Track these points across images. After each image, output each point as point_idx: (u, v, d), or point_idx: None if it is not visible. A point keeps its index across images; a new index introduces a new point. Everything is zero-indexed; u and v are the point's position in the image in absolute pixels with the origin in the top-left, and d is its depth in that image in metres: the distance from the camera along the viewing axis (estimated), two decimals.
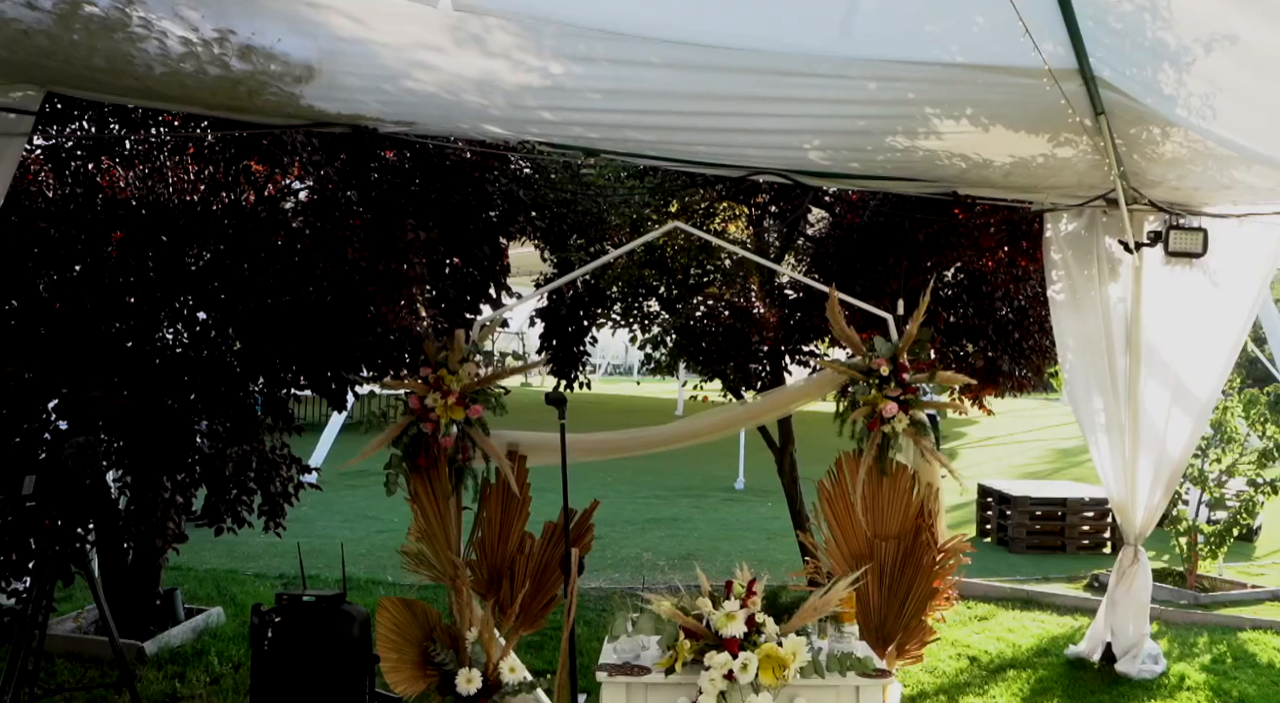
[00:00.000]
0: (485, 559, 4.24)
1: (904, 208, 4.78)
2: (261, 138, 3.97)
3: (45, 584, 3.10)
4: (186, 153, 4.61)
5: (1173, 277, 4.82)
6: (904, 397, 3.87)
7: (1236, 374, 7.58)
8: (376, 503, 9.63)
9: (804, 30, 3.16)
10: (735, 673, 2.52)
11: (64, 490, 3.08)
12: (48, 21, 2.81)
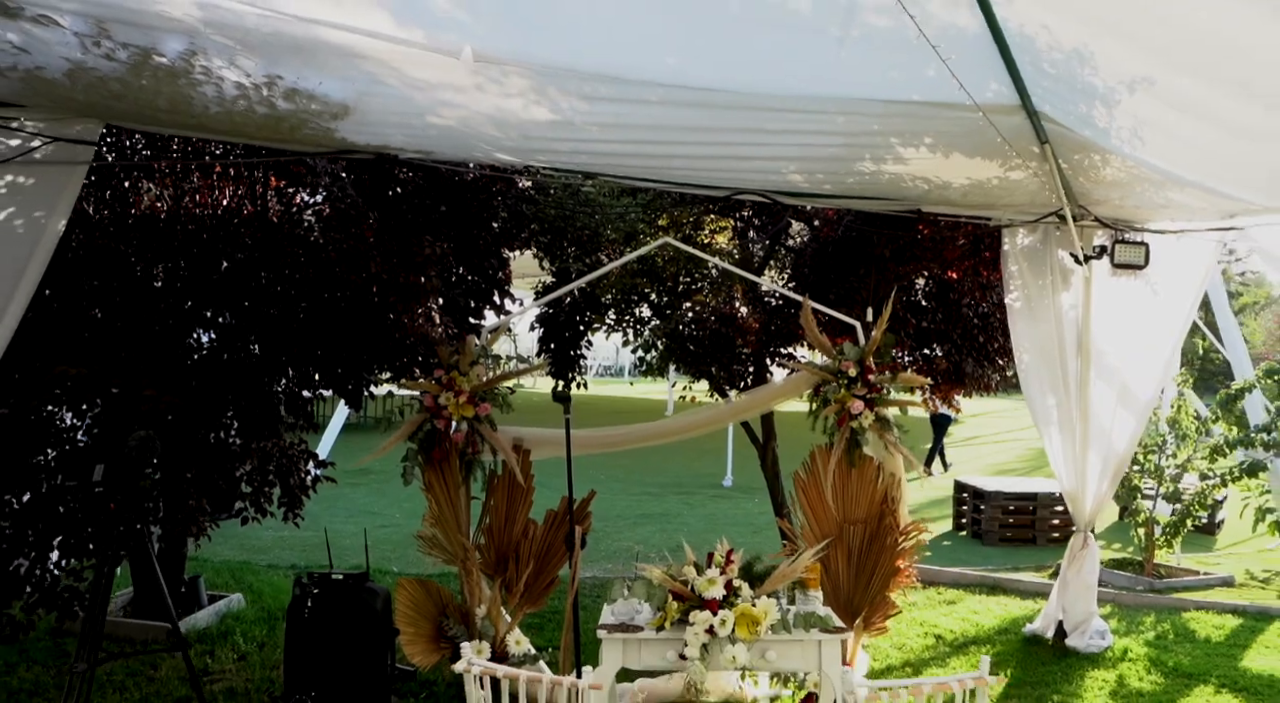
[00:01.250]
0: (492, 543, 4.70)
1: (873, 224, 5.27)
2: (290, 162, 4.42)
3: (109, 563, 3.54)
4: (214, 172, 5.06)
5: (1118, 286, 5.32)
6: (870, 396, 4.36)
7: (1190, 373, 8.14)
8: (378, 500, 10.08)
9: (781, 74, 3.64)
10: (715, 629, 2.99)
11: (127, 479, 3.52)
12: (121, 70, 3.26)
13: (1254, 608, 6.19)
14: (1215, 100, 3.67)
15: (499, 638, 4.53)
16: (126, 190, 4.95)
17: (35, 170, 3.72)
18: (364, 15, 3.00)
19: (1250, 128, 3.82)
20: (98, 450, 3.62)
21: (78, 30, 3.06)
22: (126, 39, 3.10)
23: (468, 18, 3.09)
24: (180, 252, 4.78)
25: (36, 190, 3.72)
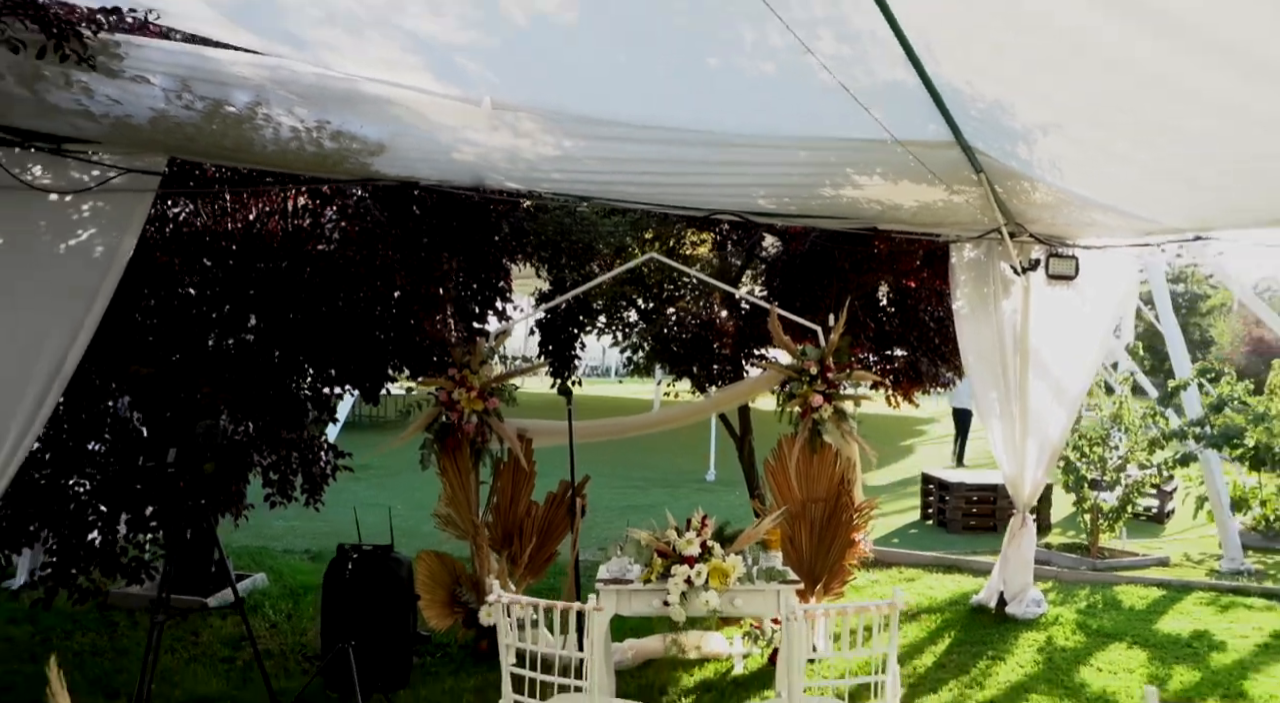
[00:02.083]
0: (499, 521, 5.39)
1: (835, 240, 6.00)
2: (323, 186, 5.09)
3: (179, 533, 4.20)
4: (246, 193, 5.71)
5: (1052, 294, 6.06)
6: (828, 391, 5.08)
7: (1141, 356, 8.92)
8: (380, 493, 10.70)
9: (750, 117, 4.35)
10: (692, 580, 3.67)
11: (194, 462, 4.17)
12: (196, 117, 3.93)
13: (1177, 582, 6.96)
14: (1112, 142, 4.41)
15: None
16: (168, 209, 5.60)
17: (110, 197, 4.37)
18: (408, 74, 3.69)
19: (1146, 164, 4.57)
20: (169, 437, 4.26)
21: (164, 87, 3.73)
22: (204, 93, 3.77)
23: (493, 75, 3.78)
24: (218, 263, 5.44)
25: (111, 215, 4.36)
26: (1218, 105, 3.56)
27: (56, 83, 3.65)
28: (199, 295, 5.47)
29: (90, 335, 4.32)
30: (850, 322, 5.89)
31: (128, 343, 4.79)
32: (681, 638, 5.20)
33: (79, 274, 4.29)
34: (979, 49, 3.61)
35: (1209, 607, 6.37)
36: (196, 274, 5.41)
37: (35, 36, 3.23)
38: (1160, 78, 3.44)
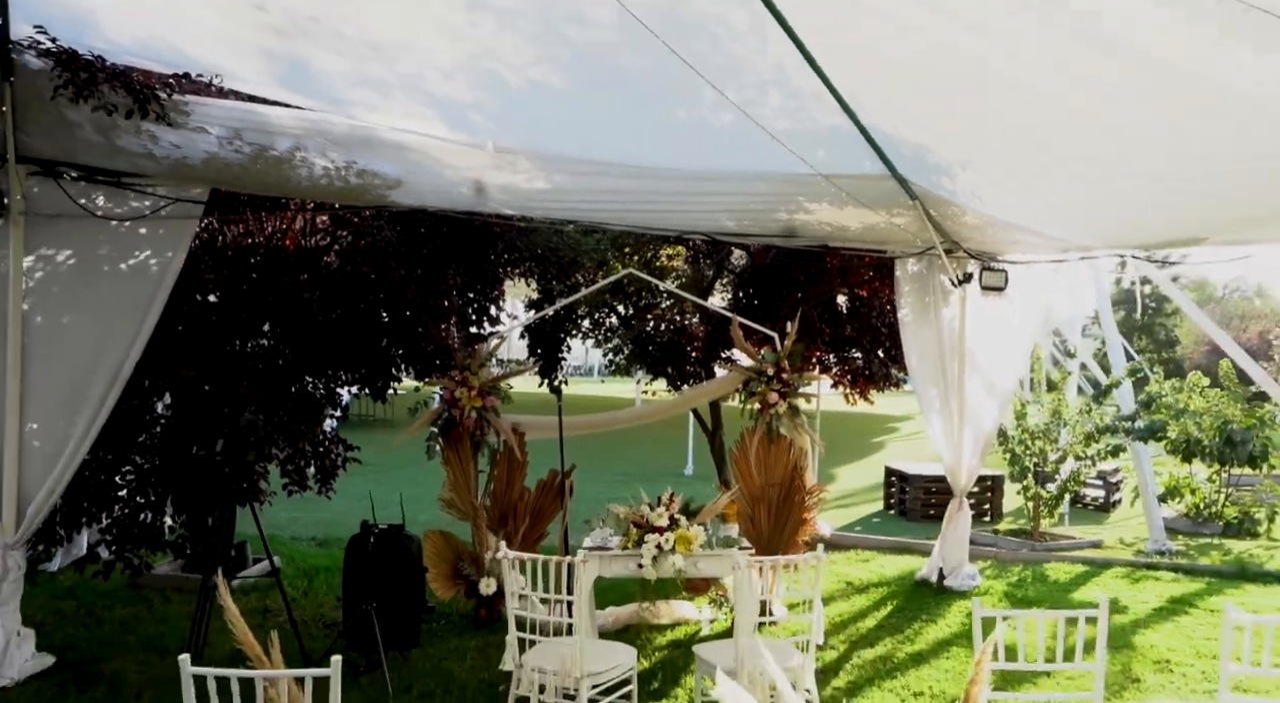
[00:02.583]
0: (496, 504, 6.19)
1: (792, 256, 6.85)
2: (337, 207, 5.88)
3: (226, 513, 4.98)
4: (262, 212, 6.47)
5: (986, 303, 6.94)
6: (783, 390, 5.93)
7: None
8: (376, 488, 11.41)
9: (714, 156, 5.18)
10: (662, 546, 4.48)
11: (237, 451, 4.93)
12: (244, 160, 4.71)
13: (1100, 560, 7.87)
14: (1014, 177, 5.29)
15: (502, 576, 6.01)
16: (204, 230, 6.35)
17: (162, 222, 5.14)
18: (425, 125, 4.50)
19: (1045, 194, 5.44)
20: (212, 431, 5.01)
21: (219, 135, 4.51)
22: (252, 140, 4.56)
23: (495, 126, 4.60)
24: (241, 275, 6.20)
25: (163, 237, 5.13)
26: (1101, 147, 4.43)
27: (128, 131, 4.43)
28: (221, 303, 6.23)
29: (145, 341, 5.09)
30: (807, 328, 6.75)
31: (170, 348, 5.55)
32: (655, 606, 6.03)
33: (136, 288, 5.06)
34: (900, 103, 4.46)
35: (1124, 580, 7.28)
36: (222, 285, 6.18)
37: (125, 101, 4.01)
38: (1052, 125, 4.28)
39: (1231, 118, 3.77)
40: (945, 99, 4.32)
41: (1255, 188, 4.73)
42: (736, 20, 3.82)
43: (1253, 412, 9.72)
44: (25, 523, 4.93)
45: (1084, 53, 3.50)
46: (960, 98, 4.25)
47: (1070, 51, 3.52)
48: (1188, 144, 4.27)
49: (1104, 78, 3.69)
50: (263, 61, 4.08)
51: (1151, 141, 4.32)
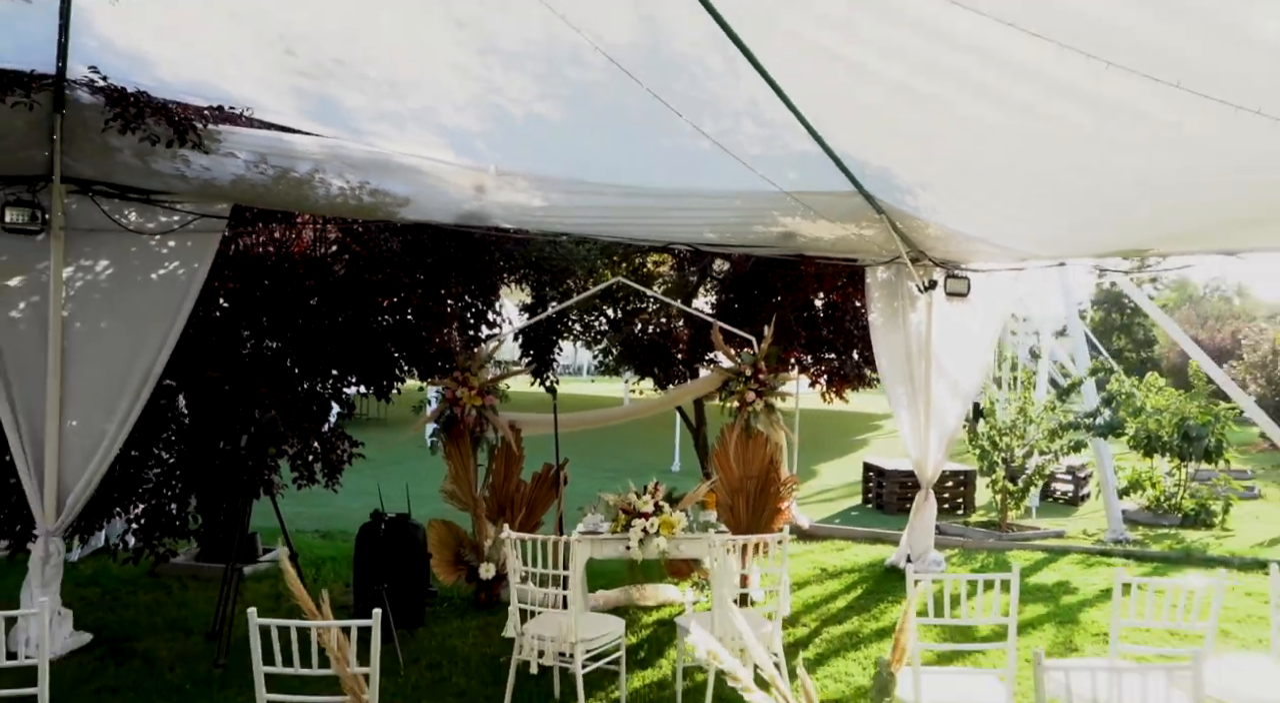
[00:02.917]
0: (494, 496, 6.74)
1: (769, 264, 7.42)
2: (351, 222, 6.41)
3: (247, 502, 5.51)
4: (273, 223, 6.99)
5: (950, 308, 7.54)
6: (760, 389, 6.50)
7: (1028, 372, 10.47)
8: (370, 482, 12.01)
9: (696, 177, 5.74)
10: (647, 530, 5.04)
11: (259, 445, 5.45)
12: (267, 181, 5.24)
13: (1059, 548, 8.50)
14: (969, 196, 5.87)
15: (501, 561, 6.57)
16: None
17: (189, 235, 5.66)
18: (434, 151, 5.04)
19: (998, 211, 6.03)
20: (233, 427, 5.52)
21: (247, 160, 5.04)
22: (276, 164, 5.09)
23: (498, 152, 5.14)
24: (253, 282, 6.72)
25: (190, 249, 5.65)
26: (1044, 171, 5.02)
27: (164, 156, 4.95)
28: (235, 308, 6.74)
29: (174, 345, 5.61)
30: (784, 330, 7.31)
31: (190, 350, 6.07)
32: (641, 589, 6.60)
33: (165, 296, 5.58)
34: (863, 133, 5.04)
35: (1078, 566, 7.91)
36: (235, 292, 6.69)
37: (166, 131, 4.54)
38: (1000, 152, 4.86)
39: (1161, 147, 4.34)
40: (905, 131, 4.90)
41: (1186, 206, 5.33)
42: (712, 62, 4.38)
43: (1209, 409, 10.36)
44: (65, 512, 5.44)
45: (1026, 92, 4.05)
46: (919, 130, 4.83)
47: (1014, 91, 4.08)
48: (1122, 170, 4.85)
49: (1046, 112, 4.26)
50: (292, 97, 4.61)
51: (1090, 167, 4.89)
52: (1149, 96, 3.54)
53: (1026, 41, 3.26)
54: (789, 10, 3.78)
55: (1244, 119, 3.41)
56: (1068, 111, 4.15)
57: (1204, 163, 4.32)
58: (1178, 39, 3.12)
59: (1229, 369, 18.62)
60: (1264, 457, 16.20)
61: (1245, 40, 3.07)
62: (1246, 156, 3.99)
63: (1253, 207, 5.14)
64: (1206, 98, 3.36)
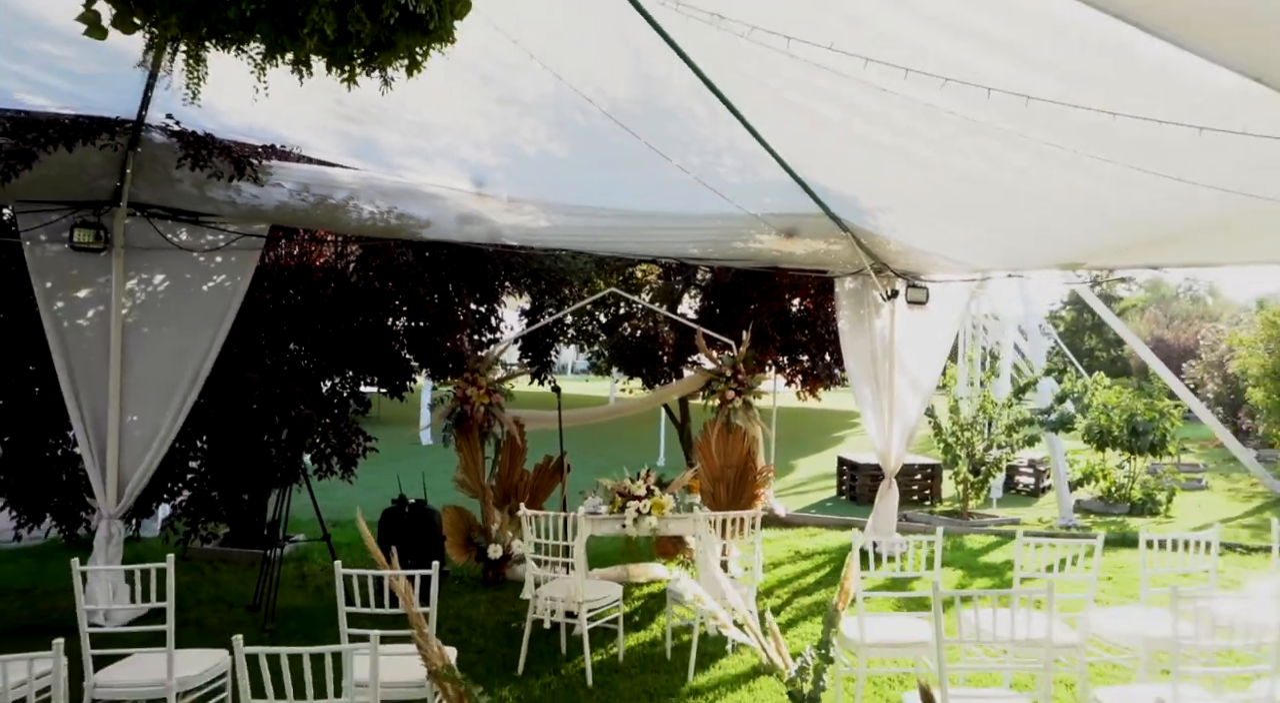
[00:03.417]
0: (501, 485, 7.60)
1: (748, 275, 8.32)
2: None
3: (287, 488, 6.34)
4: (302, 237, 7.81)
5: (911, 314, 8.47)
6: (739, 388, 7.40)
7: (991, 371, 11.44)
8: (378, 479, 12.83)
9: (680, 202, 6.62)
10: (640, 510, 5.92)
11: (297, 439, 6.27)
12: (307, 207, 6.07)
13: (1010, 532, 9.46)
14: (921, 217, 6.79)
15: (507, 544, 7.44)
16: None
17: (233, 252, 6.47)
18: (455, 181, 5.89)
19: (948, 229, 6.96)
20: (272, 424, 6.34)
21: (291, 189, 5.87)
22: (317, 192, 5.93)
23: (511, 182, 6.00)
24: (282, 292, 7.54)
25: (234, 264, 6.46)
26: (981, 201, 5.95)
27: (219, 186, 5.77)
28: (259, 315, 7.55)
29: (219, 350, 6.42)
30: (761, 335, 8.21)
31: (227, 353, 6.89)
32: (634, 568, 7.48)
33: (212, 306, 6.40)
34: (826, 165, 5.94)
35: (1026, 548, 8.85)
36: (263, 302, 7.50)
37: (228, 168, 5.36)
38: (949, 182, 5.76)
39: (1087, 174, 5.26)
40: (863, 166, 5.80)
41: (1112, 225, 6.26)
42: (698, 110, 5.26)
43: (1153, 405, 11.39)
44: (124, 498, 6.24)
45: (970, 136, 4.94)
46: (874, 166, 5.73)
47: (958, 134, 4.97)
48: (1047, 198, 5.76)
49: (988, 151, 5.15)
50: (337, 138, 5.44)
51: (1028, 194, 5.81)
52: (1071, 132, 4.44)
53: (959, 96, 4.15)
54: (761, 72, 4.66)
55: (1155, 154, 4.33)
56: (1000, 151, 5.06)
57: (1119, 195, 5.24)
58: (1095, 81, 4.00)
59: (1188, 368, 19.78)
60: (1218, 452, 17.31)
61: (1159, 76, 3.96)
62: (1159, 186, 4.89)
63: (1170, 224, 6.08)
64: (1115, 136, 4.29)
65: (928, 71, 3.84)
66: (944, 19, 3.34)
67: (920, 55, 3.62)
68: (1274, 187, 4.35)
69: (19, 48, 4.47)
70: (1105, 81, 3.63)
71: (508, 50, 4.25)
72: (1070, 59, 3.50)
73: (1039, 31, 3.34)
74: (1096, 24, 3.00)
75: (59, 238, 6.05)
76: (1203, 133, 3.57)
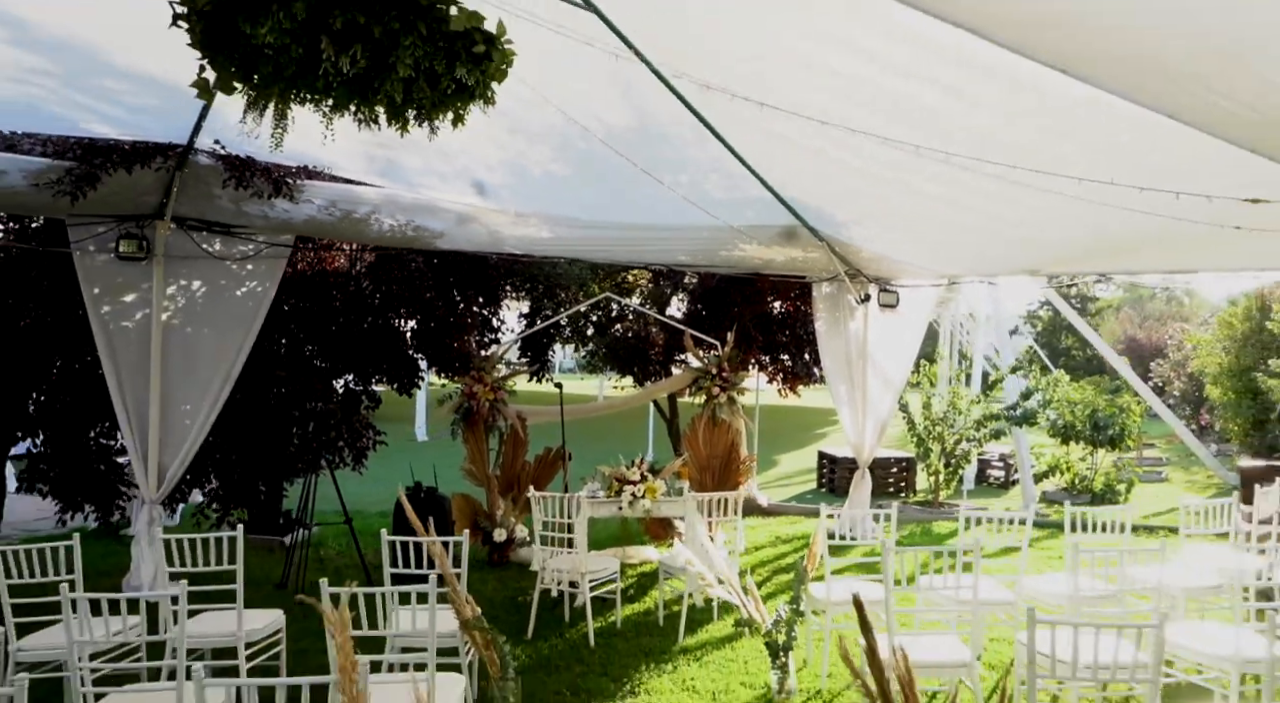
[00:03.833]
0: (504, 474, 8.30)
1: (732, 280, 9.06)
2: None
3: (311, 477, 7.02)
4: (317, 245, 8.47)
5: (883, 317, 9.22)
6: (724, 385, 8.13)
7: (963, 369, 12.23)
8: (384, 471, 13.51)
9: (671, 216, 7.34)
10: (635, 494, 6.63)
11: (322, 431, 6.95)
12: (333, 221, 6.75)
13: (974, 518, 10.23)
14: (894, 230, 7.54)
15: (511, 528, 8.14)
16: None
17: (262, 261, 7.13)
18: (468, 197, 6.59)
19: (915, 240, 7.71)
20: (296, 418, 7.01)
21: (320, 205, 6.55)
22: (343, 208, 6.61)
23: (518, 199, 6.71)
24: (297, 296, 8.20)
25: (263, 272, 7.13)
26: (944, 217, 6.70)
27: (254, 202, 6.44)
28: (277, 318, 8.21)
29: (249, 350, 7.08)
30: (744, 335, 8.94)
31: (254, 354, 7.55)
32: (628, 550, 8.20)
33: (244, 310, 7.06)
34: (799, 184, 6.68)
35: (987, 532, 9.64)
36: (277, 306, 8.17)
37: (267, 187, 6.04)
38: (913, 201, 6.52)
39: (1033, 197, 6.02)
40: (835, 184, 6.54)
41: (1061, 241, 7.03)
42: (687, 135, 5.98)
43: (1113, 401, 12.21)
44: (164, 485, 6.90)
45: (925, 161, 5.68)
46: (845, 184, 6.47)
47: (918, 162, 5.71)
48: (1004, 215, 6.52)
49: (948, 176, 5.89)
50: (364, 160, 6.12)
51: (982, 211, 6.56)
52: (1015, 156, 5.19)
53: (912, 127, 4.90)
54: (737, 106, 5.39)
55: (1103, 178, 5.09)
56: (957, 176, 5.81)
57: (1065, 211, 6.00)
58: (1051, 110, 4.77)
59: (1156, 367, 20.69)
60: (1181, 447, 18.21)
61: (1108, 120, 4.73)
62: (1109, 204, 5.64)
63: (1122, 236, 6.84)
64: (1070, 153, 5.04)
65: (884, 108, 4.59)
66: (885, 61, 4.06)
67: (878, 94, 4.35)
68: (1189, 208, 5.11)
69: (89, 84, 5.14)
70: (1035, 114, 4.36)
71: (519, 89, 4.96)
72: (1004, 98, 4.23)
73: (973, 73, 4.06)
74: (1025, 66, 3.69)
75: (106, 248, 6.69)
76: (1121, 163, 4.33)
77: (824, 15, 3.79)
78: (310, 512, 6.96)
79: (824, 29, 3.89)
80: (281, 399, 7.43)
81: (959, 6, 3.20)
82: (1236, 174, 4.22)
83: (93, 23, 4.48)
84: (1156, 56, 3.30)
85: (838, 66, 4.18)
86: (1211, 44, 3.08)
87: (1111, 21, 3.08)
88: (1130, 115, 3.76)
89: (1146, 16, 3.00)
